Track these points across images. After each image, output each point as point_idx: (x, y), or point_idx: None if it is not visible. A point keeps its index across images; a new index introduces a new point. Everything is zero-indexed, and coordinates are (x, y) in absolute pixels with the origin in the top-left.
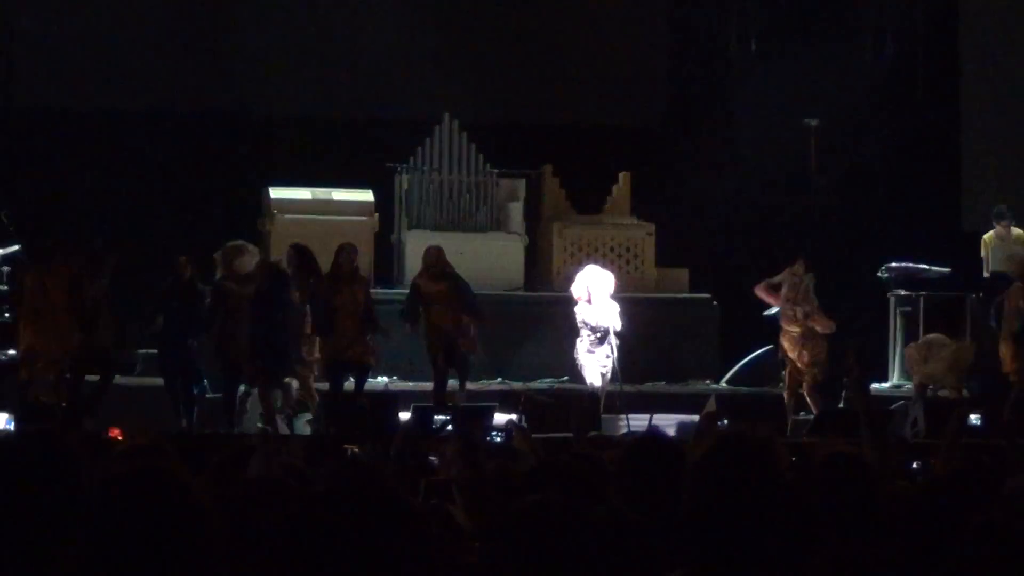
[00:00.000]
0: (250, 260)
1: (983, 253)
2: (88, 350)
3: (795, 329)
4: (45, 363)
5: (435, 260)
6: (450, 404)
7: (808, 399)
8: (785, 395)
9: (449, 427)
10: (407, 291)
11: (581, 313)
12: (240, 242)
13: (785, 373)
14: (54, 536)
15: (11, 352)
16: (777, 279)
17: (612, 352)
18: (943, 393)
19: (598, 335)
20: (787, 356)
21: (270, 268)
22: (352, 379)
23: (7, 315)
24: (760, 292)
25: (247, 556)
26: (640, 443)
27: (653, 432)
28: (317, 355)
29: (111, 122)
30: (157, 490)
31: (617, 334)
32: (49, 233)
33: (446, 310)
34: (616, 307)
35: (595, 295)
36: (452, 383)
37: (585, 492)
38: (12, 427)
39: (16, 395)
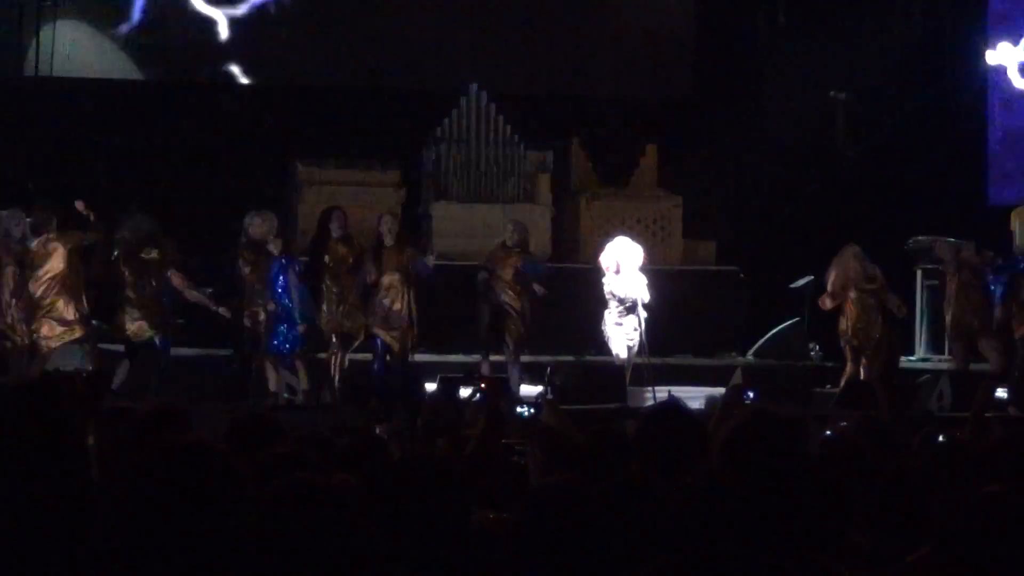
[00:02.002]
0: (260, 229)
1: (1013, 226)
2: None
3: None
4: (64, 334)
5: (522, 236)
6: (475, 375)
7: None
8: (849, 368)
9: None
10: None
11: (609, 284)
12: (263, 211)
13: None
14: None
15: None
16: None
17: (639, 324)
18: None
19: (626, 306)
20: (854, 328)
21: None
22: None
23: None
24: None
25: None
26: (656, 413)
27: (670, 402)
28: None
29: (138, 93)
30: (198, 463)
31: (645, 306)
32: (54, 203)
33: (515, 287)
34: (644, 279)
35: (624, 267)
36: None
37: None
38: None
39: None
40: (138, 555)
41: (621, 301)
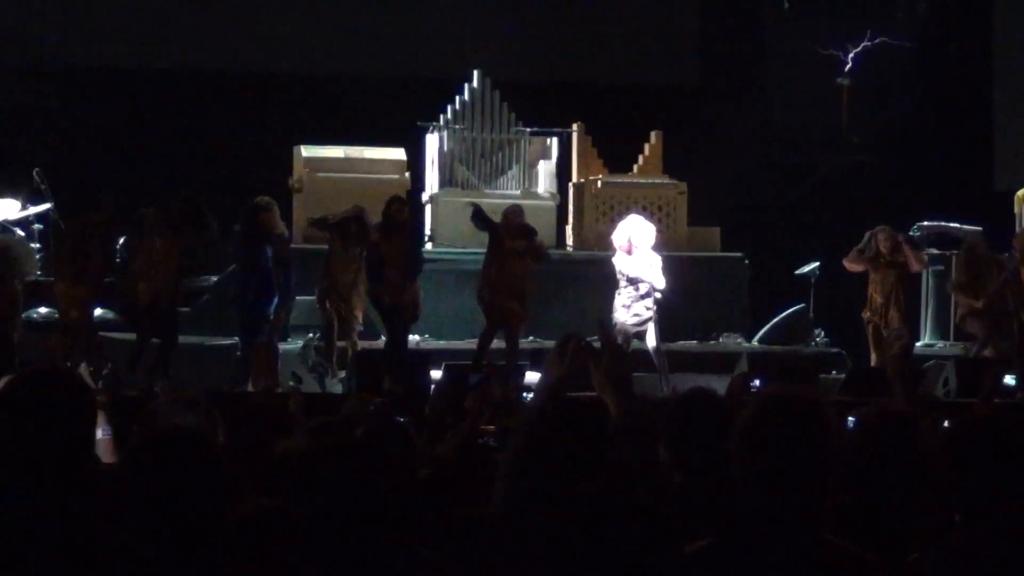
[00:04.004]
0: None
1: (1016, 209)
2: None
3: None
4: (82, 324)
5: (519, 218)
6: (485, 363)
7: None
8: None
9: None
10: (438, 250)
11: (619, 264)
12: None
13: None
14: (69, 475)
15: (43, 310)
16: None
17: (650, 308)
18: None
19: (637, 291)
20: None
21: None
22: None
23: (39, 273)
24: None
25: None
26: (686, 399)
27: (700, 389)
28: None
29: (142, 81)
30: (186, 452)
31: (660, 291)
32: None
33: (523, 268)
34: (658, 260)
35: (636, 246)
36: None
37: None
38: None
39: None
40: (134, 540)
41: (631, 281)
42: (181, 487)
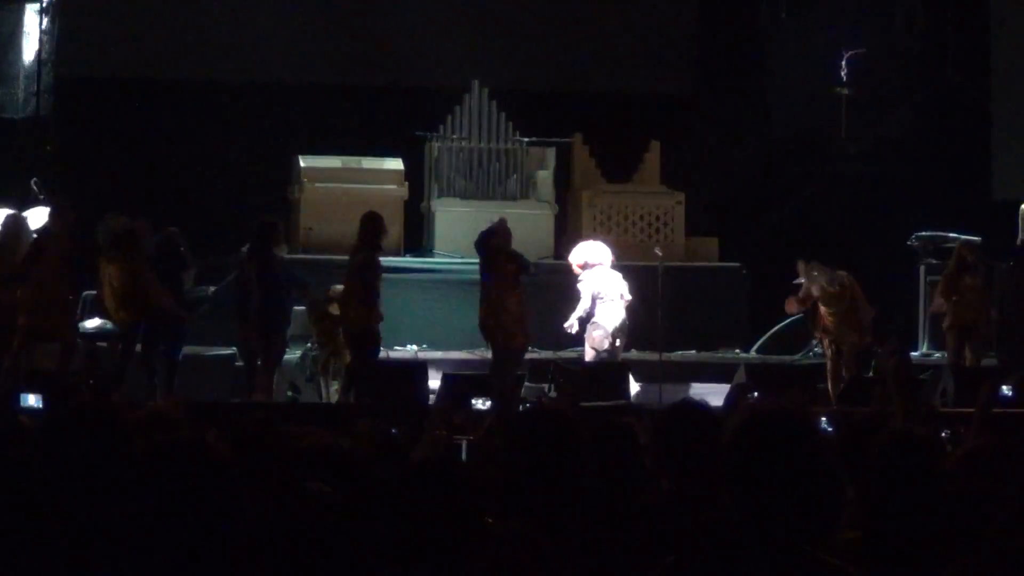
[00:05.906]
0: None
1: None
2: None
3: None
4: (43, 332)
5: (508, 239)
6: (494, 383)
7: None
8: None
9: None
10: (436, 259)
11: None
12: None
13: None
14: (95, 510)
15: None
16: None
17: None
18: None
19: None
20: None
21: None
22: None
23: None
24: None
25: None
26: (674, 410)
27: (687, 400)
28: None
29: (142, 91)
30: (196, 461)
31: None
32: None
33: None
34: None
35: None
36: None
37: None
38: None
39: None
40: (138, 552)
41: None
42: (188, 498)
